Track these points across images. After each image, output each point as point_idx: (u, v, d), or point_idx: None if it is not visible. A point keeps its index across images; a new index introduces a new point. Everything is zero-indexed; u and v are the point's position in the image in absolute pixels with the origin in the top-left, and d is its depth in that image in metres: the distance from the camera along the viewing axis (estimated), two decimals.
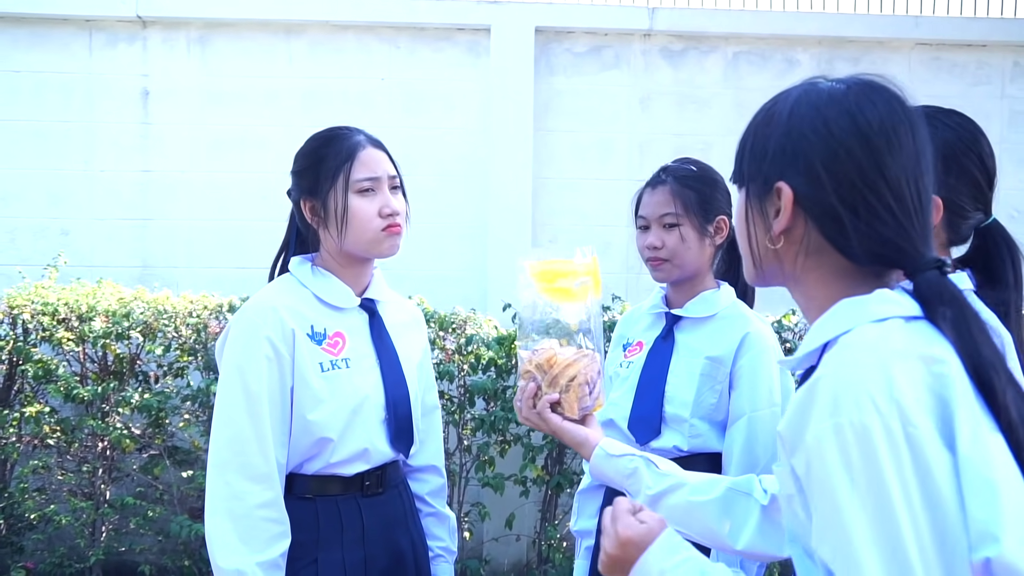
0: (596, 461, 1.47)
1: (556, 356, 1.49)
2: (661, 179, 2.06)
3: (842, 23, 4.86)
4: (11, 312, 3.84)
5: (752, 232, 1.06)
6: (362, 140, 1.80)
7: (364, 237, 1.76)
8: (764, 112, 1.07)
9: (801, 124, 1.01)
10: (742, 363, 1.97)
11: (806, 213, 1.00)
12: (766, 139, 1.04)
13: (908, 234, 0.97)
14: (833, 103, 1.00)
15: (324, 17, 4.72)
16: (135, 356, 3.92)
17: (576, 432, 1.48)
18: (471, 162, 4.76)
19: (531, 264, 1.54)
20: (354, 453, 1.76)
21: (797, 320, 3.88)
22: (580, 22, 4.82)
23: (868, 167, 0.97)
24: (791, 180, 1.00)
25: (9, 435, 3.84)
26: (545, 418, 1.48)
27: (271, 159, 4.64)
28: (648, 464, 1.43)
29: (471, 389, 3.80)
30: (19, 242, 4.66)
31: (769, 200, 1.03)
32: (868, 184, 0.97)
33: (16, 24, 4.68)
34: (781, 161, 1.01)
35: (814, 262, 1.02)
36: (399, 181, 1.83)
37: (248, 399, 1.68)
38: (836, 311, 0.98)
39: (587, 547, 2.16)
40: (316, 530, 1.73)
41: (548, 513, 3.98)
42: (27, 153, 4.67)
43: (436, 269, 4.59)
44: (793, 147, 1.00)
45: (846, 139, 0.98)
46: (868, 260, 0.99)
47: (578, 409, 1.49)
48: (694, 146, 4.64)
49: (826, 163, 0.98)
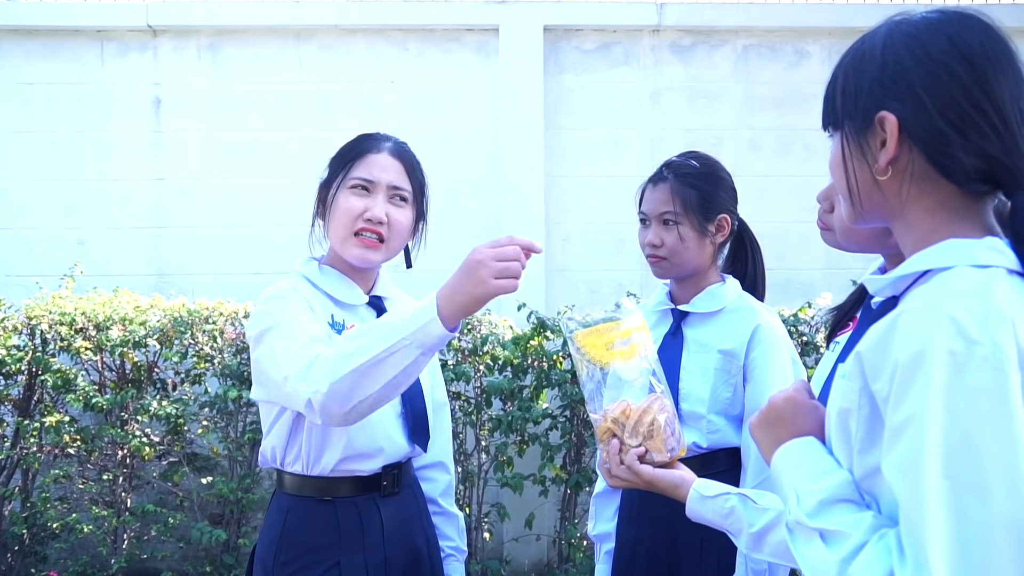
0: (692, 504, 1.42)
1: (630, 406, 1.45)
2: (662, 175, 2.04)
3: (852, 13, 4.83)
4: (29, 323, 3.86)
5: (852, 171, 1.06)
6: (384, 145, 1.81)
7: (339, 234, 1.77)
8: (853, 52, 1.08)
9: (897, 53, 1.01)
10: (755, 355, 1.96)
11: (911, 139, 1.00)
12: (860, 75, 1.04)
13: (1012, 152, 0.98)
14: (929, 29, 1.01)
15: (333, 21, 4.73)
16: (153, 364, 3.94)
17: (671, 477, 1.44)
18: (482, 162, 4.76)
19: (577, 333, 1.51)
20: (372, 448, 1.75)
21: (813, 313, 3.86)
22: (588, 19, 4.80)
23: (972, 87, 0.98)
24: (893, 108, 1.00)
25: (30, 445, 3.86)
26: (637, 471, 1.43)
27: (283, 164, 4.66)
28: (744, 501, 1.38)
29: (488, 389, 3.80)
30: (36, 253, 4.69)
31: (871, 133, 1.03)
32: (973, 104, 0.98)
33: (29, 36, 4.71)
34: (880, 92, 1.02)
35: (919, 190, 1.02)
36: (410, 197, 1.81)
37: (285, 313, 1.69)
38: (942, 248, 0.99)
39: (607, 551, 2.14)
40: (337, 532, 1.73)
41: (568, 512, 3.97)
42: (42, 164, 4.70)
43: (449, 269, 4.58)
44: (892, 76, 1.01)
45: (947, 61, 0.99)
46: (973, 180, 0.99)
47: (666, 451, 1.45)
48: (706, 140, 4.63)
49: (928, 86, 0.99)
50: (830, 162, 1.11)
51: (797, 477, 1.05)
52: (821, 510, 0.98)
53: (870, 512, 0.96)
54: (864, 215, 1.08)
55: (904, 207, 1.03)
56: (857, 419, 0.97)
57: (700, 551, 1.89)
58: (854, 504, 0.98)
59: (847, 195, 1.08)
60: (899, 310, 0.93)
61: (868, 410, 0.95)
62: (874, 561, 0.90)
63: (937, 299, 0.92)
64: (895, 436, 0.89)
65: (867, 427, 0.96)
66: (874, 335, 0.95)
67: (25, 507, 3.92)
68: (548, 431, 3.86)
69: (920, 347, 0.88)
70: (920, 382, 0.87)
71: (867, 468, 0.97)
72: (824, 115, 1.11)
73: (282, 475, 1.79)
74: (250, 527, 3.97)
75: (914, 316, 0.91)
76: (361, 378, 1.50)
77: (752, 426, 1.19)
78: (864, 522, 0.94)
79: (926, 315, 0.90)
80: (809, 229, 4.86)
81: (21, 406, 3.92)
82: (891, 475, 0.89)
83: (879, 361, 0.93)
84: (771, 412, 1.15)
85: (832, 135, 1.10)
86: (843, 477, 1.00)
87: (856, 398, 0.96)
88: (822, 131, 1.12)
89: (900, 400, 0.89)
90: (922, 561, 0.85)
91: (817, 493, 1.00)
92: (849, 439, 0.99)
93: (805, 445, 1.09)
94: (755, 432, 1.18)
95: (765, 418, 1.16)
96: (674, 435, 1.47)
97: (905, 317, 0.92)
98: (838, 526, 0.95)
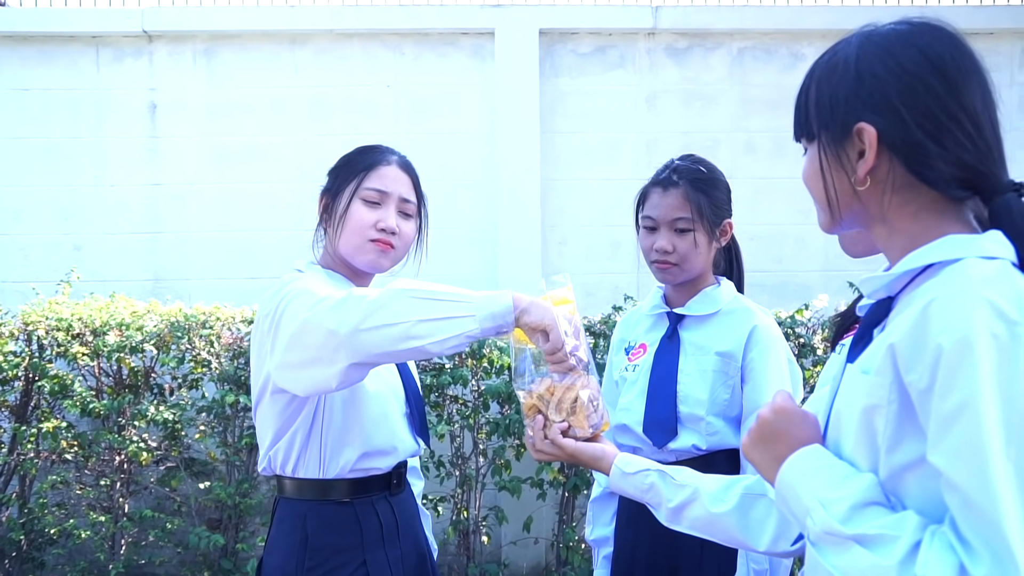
0: (614, 480, 1.48)
1: (554, 384, 1.51)
2: (673, 181, 2.01)
3: (847, 15, 4.84)
4: (26, 328, 3.86)
5: (829, 180, 1.07)
6: (392, 159, 1.87)
7: (353, 242, 1.80)
8: (824, 64, 1.08)
9: (872, 65, 1.03)
10: (752, 356, 1.96)
11: (890, 150, 1.02)
12: (834, 87, 1.06)
13: (987, 159, 1.01)
14: (901, 42, 1.03)
15: (329, 26, 4.74)
16: (150, 369, 3.94)
17: (593, 450, 1.50)
18: (478, 166, 4.76)
19: None
20: (388, 445, 1.81)
21: (810, 315, 3.86)
22: (584, 23, 4.81)
23: (946, 98, 1.00)
24: (871, 120, 1.02)
25: (27, 451, 3.86)
26: (560, 444, 1.49)
27: (279, 169, 4.66)
28: (663, 477, 1.43)
29: (485, 393, 3.80)
30: (32, 259, 4.69)
31: (848, 144, 1.04)
32: (948, 114, 1.00)
33: (24, 43, 4.71)
34: (857, 104, 1.03)
35: (901, 198, 1.03)
36: (415, 210, 1.87)
37: (304, 282, 1.66)
38: (944, 243, 1.00)
39: (605, 556, 2.14)
40: (359, 532, 1.77)
41: (566, 515, 3.97)
42: (38, 170, 4.70)
43: (446, 274, 4.59)
44: (868, 88, 1.03)
45: (921, 74, 1.01)
46: (952, 187, 1.01)
47: (588, 427, 1.51)
48: (701, 143, 4.64)
49: (904, 99, 1.01)
50: (805, 172, 1.12)
51: (817, 486, 1.01)
52: (854, 515, 0.95)
53: (909, 511, 0.93)
54: (841, 223, 1.09)
55: (887, 214, 1.04)
56: (886, 415, 0.95)
57: (700, 554, 1.89)
58: (885, 507, 0.95)
59: (825, 205, 1.09)
60: (928, 298, 0.92)
61: (898, 405, 0.94)
62: (939, 559, 0.87)
63: (966, 285, 0.91)
64: (946, 425, 0.88)
65: (896, 423, 0.95)
66: (904, 325, 0.94)
67: (23, 513, 3.91)
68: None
69: (963, 333, 0.88)
70: (967, 368, 0.87)
71: (895, 466, 0.96)
72: (796, 126, 1.12)
73: (292, 482, 1.80)
74: (248, 532, 3.96)
75: (948, 303, 0.90)
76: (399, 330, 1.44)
77: (746, 448, 1.14)
78: (908, 521, 0.91)
79: (961, 301, 0.90)
80: (805, 231, 4.91)
81: (18, 412, 3.92)
82: (947, 464, 0.88)
83: (914, 351, 0.92)
84: (764, 428, 1.11)
85: (806, 146, 1.11)
86: (869, 479, 0.98)
87: (885, 393, 0.95)
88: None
89: (948, 388, 0.88)
90: (1002, 550, 0.83)
91: (846, 499, 0.97)
92: (874, 437, 0.98)
93: (814, 453, 1.06)
94: (750, 453, 1.13)
95: (759, 436, 1.12)
96: (596, 411, 1.52)
97: (938, 304, 0.91)
98: (879, 529, 0.92)
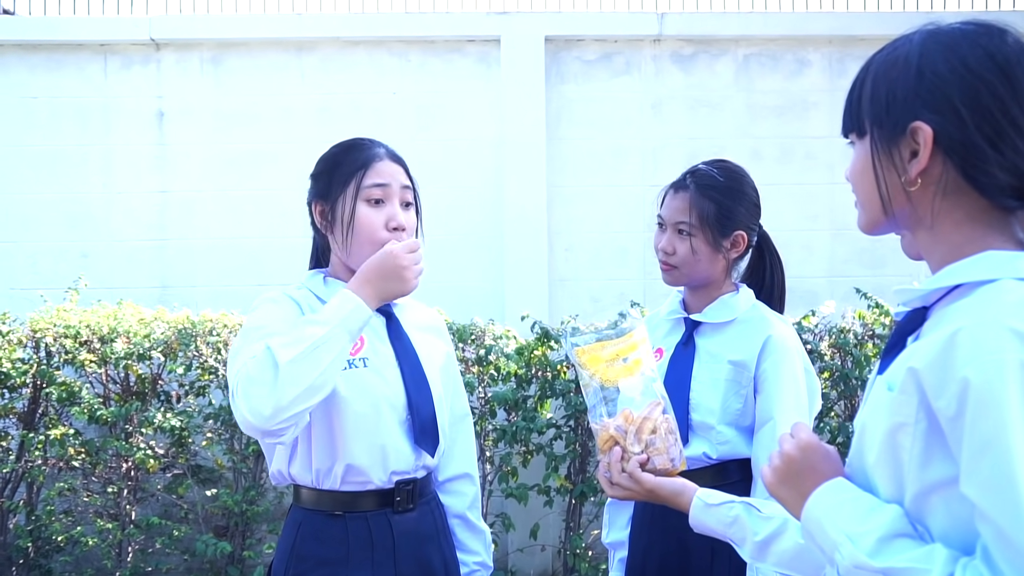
0: (696, 513, 1.41)
1: (632, 413, 1.44)
2: (684, 183, 2.00)
3: (852, 21, 4.84)
4: (34, 336, 3.87)
5: (881, 178, 1.04)
6: (381, 152, 1.79)
7: (367, 250, 1.71)
8: (883, 59, 1.05)
9: (935, 63, 1.00)
10: (766, 366, 1.93)
11: (945, 152, 0.99)
12: (892, 83, 1.03)
13: None
14: (966, 41, 1.00)
15: (335, 33, 4.75)
16: (157, 376, 3.94)
17: (673, 484, 1.43)
18: (485, 173, 4.77)
19: (580, 351, 1.51)
20: (368, 460, 1.71)
21: (817, 322, 3.85)
22: (590, 30, 4.82)
23: (1009, 102, 0.97)
24: (928, 119, 0.99)
25: (35, 458, 3.87)
26: (638, 479, 1.43)
27: (286, 176, 4.66)
28: (748, 509, 1.37)
29: (492, 400, 3.80)
30: (40, 266, 4.70)
31: (902, 143, 1.01)
32: (1009, 118, 0.97)
33: (32, 51, 4.73)
34: (916, 102, 1.00)
35: (950, 203, 1.00)
36: (413, 197, 1.81)
37: (264, 324, 1.67)
38: (981, 259, 0.98)
39: (620, 559, 2.12)
40: (345, 547, 1.71)
41: (572, 522, 3.96)
42: (45, 177, 4.72)
43: (452, 281, 4.59)
44: (928, 86, 1.00)
45: (985, 75, 0.98)
46: (1004, 195, 0.98)
47: (669, 458, 1.44)
48: (707, 150, 4.62)
49: (965, 100, 0.98)
50: (852, 169, 1.08)
51: (843, 520, 0.99)
52: (882, 548, 0.93)
53: (937, 544, 0.92)
54: (889, 223, 1.06)
55: (934, 219, 1.02)
56: (914, 433, 0.94)
57: (711, 560, 1.88)
58: (913, 538, 0.94)
59: (873, 203, 1.06)
60: (954, 327, 0.91)
61: (926, 424, 0.93)
62: None
63: (994, 313, 0.90)
64: (979, 456, 0.87)
65: (924, 441, 0.93)
66: (930, 352, 0.93)
67: (30, 520, 3.91)
68: (552, 441, 3.86)
69: (991, 364, 0.87)
70: (997, 400, 0.86)
71: (922, 486, 0.94)
72: (846, 120, 1.09)
73: (298, 489, 1.78)
74: (254, 539, 3.96)
75: (976, 332, 0.89)
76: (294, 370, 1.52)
77: (771, 486, 1.12)
78: (938, 554, 0.90)
79: (988, 331, 0.89)
80: (811, 237, 4.90)
81: (26, 419, 3.92)
82: (980, 496, 0.87)
83: (941, 379, 0.91)
84: (790, 466, 1.09)
85: (854, 142, 1.08)
86: (895, 511, 0.96)
87: (913, 412, 0.94)
88: (823, 139, 1.12)
89: (979, 420, 0.87)
90: None
91: (873, 532, 0.95)
92: (899, 454, 0.96)
93: (838, 487, 1.04)
94: (776, 491, 1.11)
95: (785, 474, 1.09)
96: (676, 443, 1.46)
97: (965, 334, 0.90)
98: (909, 563, 0.91)
